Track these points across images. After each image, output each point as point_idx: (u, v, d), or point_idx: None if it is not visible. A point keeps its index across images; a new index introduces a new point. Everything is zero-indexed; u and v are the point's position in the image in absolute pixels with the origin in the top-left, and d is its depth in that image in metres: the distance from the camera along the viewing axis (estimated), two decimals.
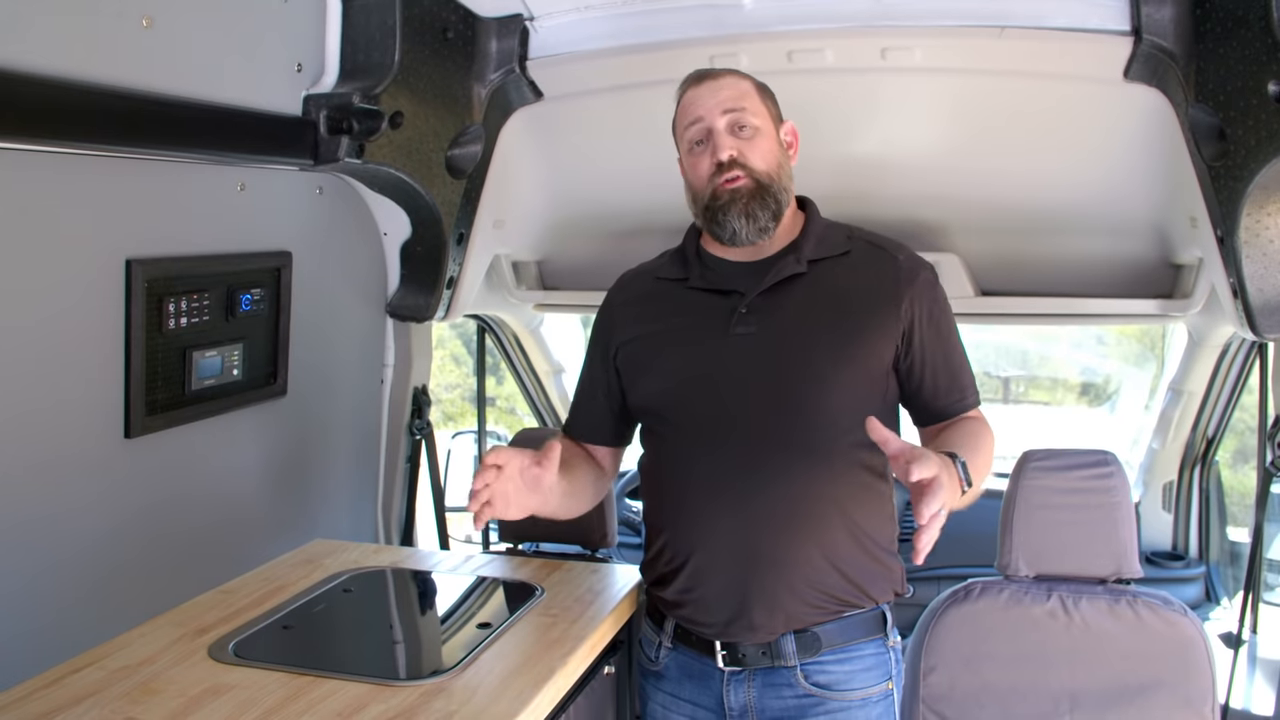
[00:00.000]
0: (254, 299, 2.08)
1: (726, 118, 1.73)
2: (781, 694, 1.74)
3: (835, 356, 1.69)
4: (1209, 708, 2.12)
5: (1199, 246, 2.31)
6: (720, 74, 1.80)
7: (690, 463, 1.74)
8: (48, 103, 1.55)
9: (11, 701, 1.43)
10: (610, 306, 1.93)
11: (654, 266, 1.92)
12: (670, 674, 1.83)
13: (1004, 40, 2.12)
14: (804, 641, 1.72)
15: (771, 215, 1.74)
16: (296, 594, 1.85)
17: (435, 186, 2.35)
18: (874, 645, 1.77)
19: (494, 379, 4.03)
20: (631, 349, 1.84)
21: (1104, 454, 2.24)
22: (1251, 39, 1.86)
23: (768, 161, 1.74)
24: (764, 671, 1.74)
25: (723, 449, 1.71)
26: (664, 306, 1.83)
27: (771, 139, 1.77)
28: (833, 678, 1.73)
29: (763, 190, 1.73)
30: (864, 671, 1.75)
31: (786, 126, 1.83)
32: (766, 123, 1.77)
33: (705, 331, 1.75)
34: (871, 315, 1.72)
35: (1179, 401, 3.09)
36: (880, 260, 1.78)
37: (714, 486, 1.71)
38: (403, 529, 2.80)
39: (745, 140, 1.73)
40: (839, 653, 1.73)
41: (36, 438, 1.67)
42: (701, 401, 1.73)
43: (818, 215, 1.85)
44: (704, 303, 1.78)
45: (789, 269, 1.75)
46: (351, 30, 2.12)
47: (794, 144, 1.84)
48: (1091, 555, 2.18)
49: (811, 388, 1.68)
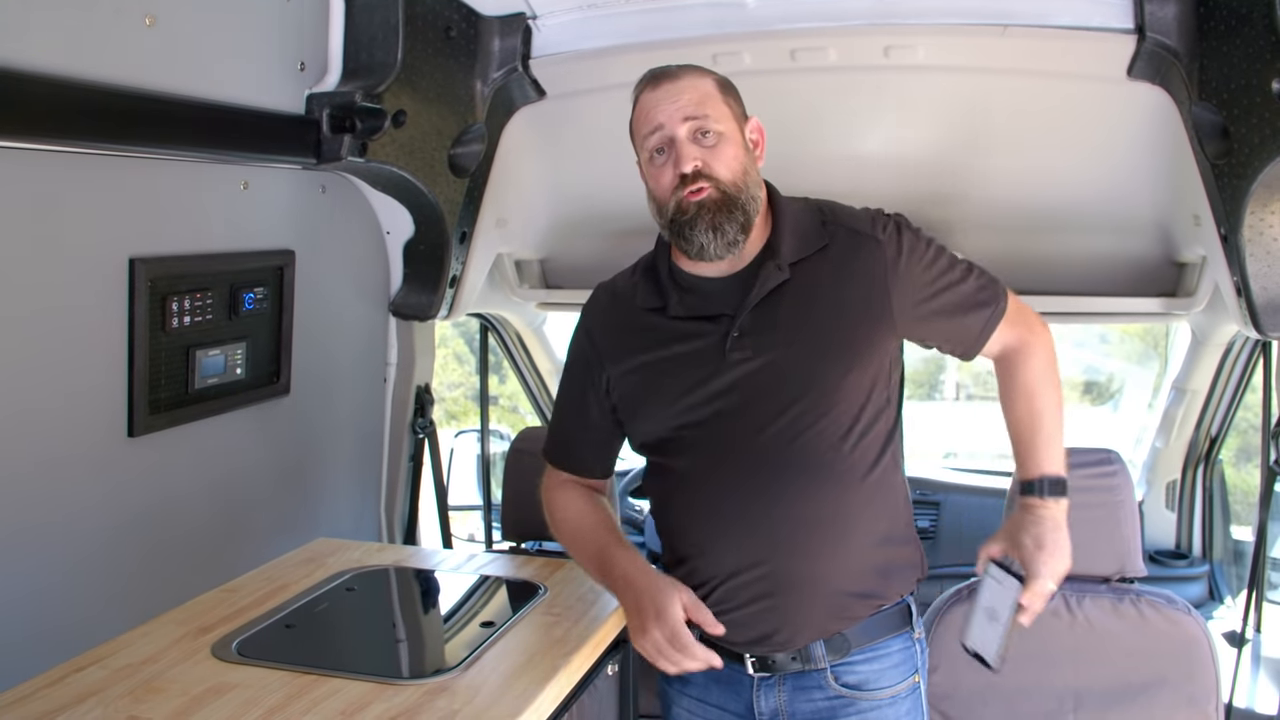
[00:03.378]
0: (257, 298, 2.07)
1: (688, 125, 1.64)
2: (812, 696, 1.72)
3: (837, 365, 1.65)
4: (1212, 706, 2.12)
5: (1202, 245, 2.31)
6: (680, 74, 1.69)
7: (706, 493, 1.70)
8: (51, 102, 1.55)
9: (14, 700, 1.43)
10: (590, 333, 1.84)
11: (629, 289, 1.82)
12: (697, 679, 1.80)
13: (1007, 38, 2.12)
14: (833, 644, 1.71)
15: (740, 228, 1.65)
16: (299, 593, 1.85)
17: (438, 185, 2.35)
18: (900, 640, 1.76)
19: (496, 377, 4.03)
20: (627, 383, 1.77)
21: (1107, 453, 2.24)
22: (1255, 37, 1.86)
23: (733, 170, 1.65)
24: (794, 675, 1.73)
25: (738, 477, 1.67)
26: (651, 337, 1.74)
27: (737, 144, 1.68)
28: (861, 677, 1.72)
29: (729, 202, 1.64)
30: (892, 669, 1.74)
31: (752, 124, 1.73)
32: (731, 126, 1.68)
33: (701, 361, 1.68)
34: (866, 312, 1.67)
35: (1182, 400, 3.09)
36: (862, 246, 1.70)
37: (733, 515, 1.67)
38: (405, 528, 2.80)
39: (709, 149, 1.65)
40: (867, 651, 1.72)
41: (40, 436, 1.67)
42: (710, 433, 1.69)
43: (786, 204, 1.75)
44: (693, 331, 1.70)
45: (772, 280, 1.67)
46: (354, 29, 2.12)
47: (760, 141, 1.74)
48: (1095, 554, 2.18)
49: (819, 404, 1.65)
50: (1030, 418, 1.75)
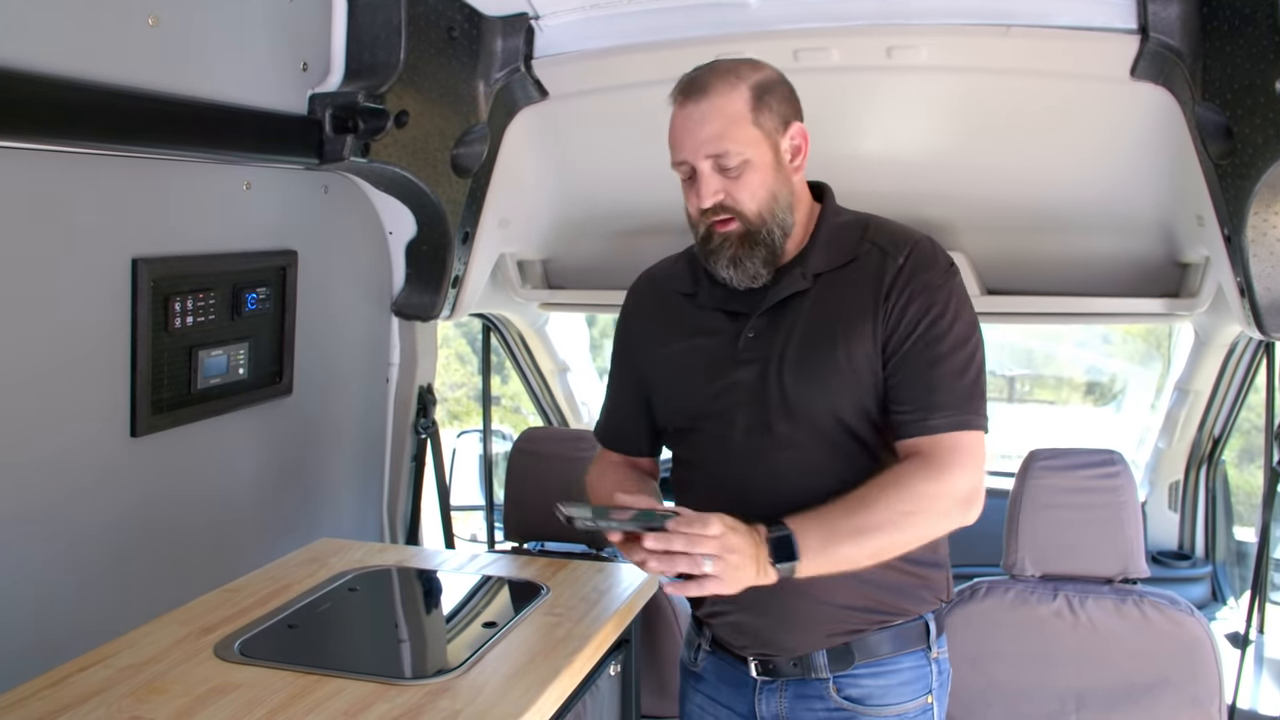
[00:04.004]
0: (259, 298, 2.08)
1: (709, 160, 1.59)
2: (813, 706, 1.70)
3: (837, 382, 1.62)
4: (1215, 707, 2.12)
5: (1206, 245, 2.31)
6: (708, 89, 1.59)
7: (709, 489, 1.69)
8: (54, 102, 1.55)
9: (17, 700, 1.43)
10: (627, 317, 1.87)
11: (669, 270, 1.83)
12: (708, 676, 1.81)
13: (1010, 39, 2.12)
14: (836, 654, 1.68)
15: (763, 261, 1.63)
16: (302, 593, 1.85)
17: (440, 185, 2.35)
18: (913, 658, 1.70)
19: (499, 378, 4.03)
20: (650, 369, 1.79)
21: (1110, 453, 2.24)
22: (1258, 37, 1.86)
23: (759, 199, 1.61)
24: (796, 683, 1.71)
25: (734, 479, 1.67)
26: (676, 325, 1.75)
27: (764, 168, 1.61)
28: (866, 691, 1.68)
29: (751, 236, 1.61)
30: (900, 686, 1.69)
31: (793, 130, 1.64)
32: (758, 150, 1.60)
33: (714, 356, 1.69)
34: (861, 325, 1.63)
35: (1185, 401, 3.08)
36: (881, 266, 1.64)
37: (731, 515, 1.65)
38: (408, 528, 2.80)
39: (734, 179, 1.60)
40: (873, 666, 1.68)
41: (43, 436, 1.67)
42: (712, 430, 1.69)
43: (831, 213, 1.72)
44: (713, 324, 1.70)
45: (791, 287, 1.65)
46: (357, 29, 2.12)
47: (802, 147, 1.66)
48: (1098, 555, 2.18)
49: (814, 417, 1.63)
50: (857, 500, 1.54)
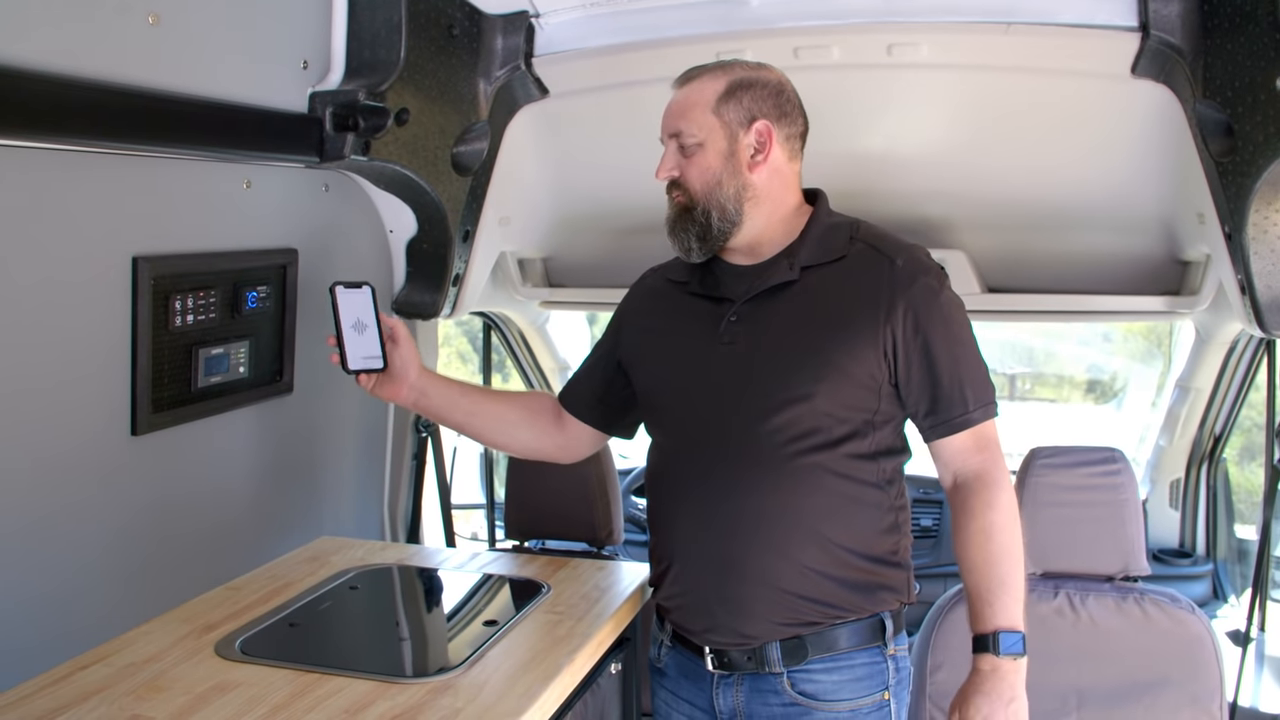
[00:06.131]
0: (260, 296, 2.08)
1: (674, 139, 1.73)
2: (768, 701, 1.71)
3: (814, 372, 1.64)
4: (1216, 705, 2.12)
5: (1206, 243, 2.30)
6: (695, 76, 1.73)
7: (674, 469, 1.76)
8: (54, 100, 1.55)
9: (18, 699, 1.43)
10: (624, 301, 1.96)
11: (672, 264, 1.89)
12: (670, 672, 1.83)
13: (1011, 36, 2.12)
14: (789, 648, 1.68)
15: (696, 236, 1.72)
16: (303, 591, 1.85)
17: (441, 183, 2.35)
18: (868, 654, 1.71)
19: (500, 376, 4.03)
20: (634, 340, 1.87)
21: (1111, 451, 2.24)
22: (1259, 34, 1.85)
23: (703, 180, 1.71)
24: (751, 677, 1.72)
25: (699, 458, 1.71)
26: (666, 308, 1.83)
27: (713, 154, 1.70)
28: (820, 687, 1.69)
29: (687, 211, 1.72)
30: (854, 682, 1.70)
31: (758, 127, 1.70)
32: (713, 136, 1.69)
33: (696, 338, 1.74)
34: (855, 326, 1.65)
35: (1186, 398, 3.09)
36: (875, 265, 1.68)
37: (690, 495, 1.71)
38: (409, 526, 2.80)
39: (688, 159, 1.72)
40: (827, 661, 1.69)
41: (42, 435, 1.67)
42: (683, 410, 1.74)
43: (824, 214, 1.76)
44: (699, 309, 1.77)
45: (778, 276, 1.70)
46: (357, 27, 2.12)
47: (765, 146, 1.70)
48: (1099, 553, 2.18)
49: (784, 403, 1.65)
50: (986, 563, 1.64)
